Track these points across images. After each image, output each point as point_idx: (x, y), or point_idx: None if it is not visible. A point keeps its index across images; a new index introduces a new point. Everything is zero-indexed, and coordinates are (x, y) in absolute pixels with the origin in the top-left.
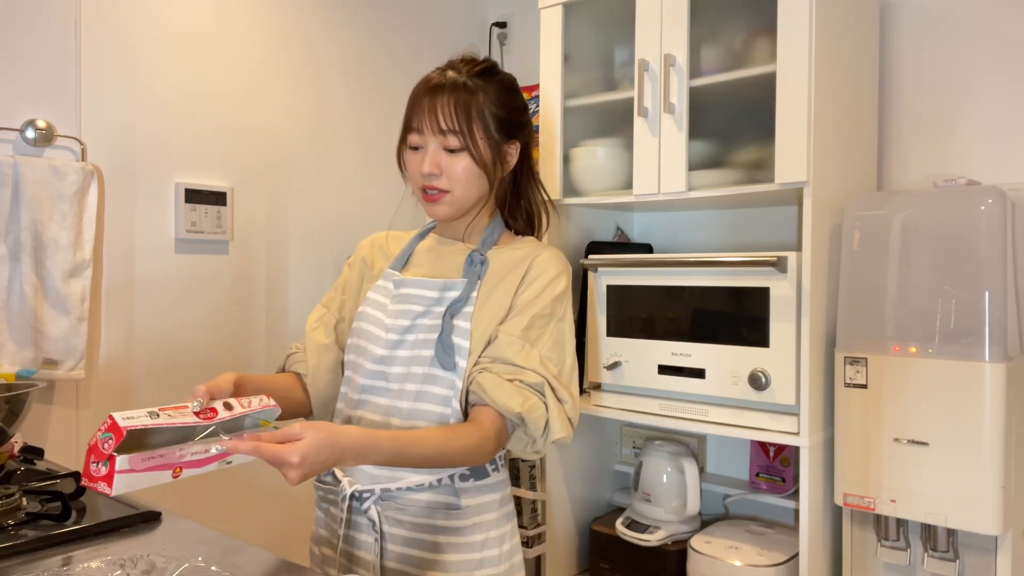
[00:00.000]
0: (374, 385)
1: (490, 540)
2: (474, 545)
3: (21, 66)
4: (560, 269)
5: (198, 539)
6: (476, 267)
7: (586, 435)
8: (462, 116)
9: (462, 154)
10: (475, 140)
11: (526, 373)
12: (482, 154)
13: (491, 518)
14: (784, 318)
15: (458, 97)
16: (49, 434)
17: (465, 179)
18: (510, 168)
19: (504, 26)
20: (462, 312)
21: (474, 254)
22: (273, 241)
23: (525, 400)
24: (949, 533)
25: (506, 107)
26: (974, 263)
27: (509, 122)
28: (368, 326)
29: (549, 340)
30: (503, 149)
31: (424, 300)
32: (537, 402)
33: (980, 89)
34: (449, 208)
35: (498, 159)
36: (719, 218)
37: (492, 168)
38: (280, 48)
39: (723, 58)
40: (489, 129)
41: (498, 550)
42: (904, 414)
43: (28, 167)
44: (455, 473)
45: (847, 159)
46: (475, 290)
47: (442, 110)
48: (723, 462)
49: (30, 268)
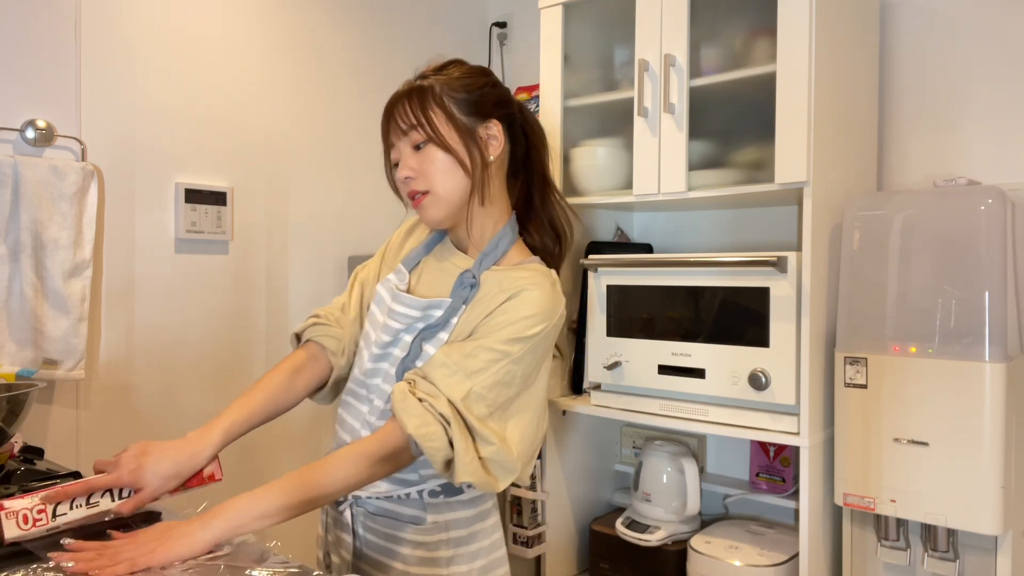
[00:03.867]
0: (357, 391)
1: (459, 557)
2: (440, 561)
3: (21, 66)
4: (541, 311)
5: None
6: (464, 290)
7: (586, 435)
8: (418, 110)
9: (429, 146)
10: (435, 127)
11: (439, 399)
12: (446, 139)
13: (460, 535)
14: (784, 318)
15: (411, 95)
16: (49, 434)
17: (439, 172)
18: (498, 151)
19: (504, 26)
20: (435, 338)
21: (465, 275)
22: (273, 241)
23: (423, 424)
24: (949, 533)
25: (468, 88)
26: (974, 263)
27: (476, 102)
28: (368, 328)
29: (490, 379)
30: (478, 131)
31: (406, 318)
32: (438, 432)
33: (980, 89)
34: (436, 209)
35: (473, 142)
36: (719, 218)
37: (466, 152)
38: (280, 48)
39: (723, 58)
40: (452, 113)
41: (467, 567)
42: (904, 414)
43: (28, 167)
44: (424, 488)
45: (847, 159)
46: (456, 315)
47: (399, 114)
48: (723, 462)
49: (30, 268)
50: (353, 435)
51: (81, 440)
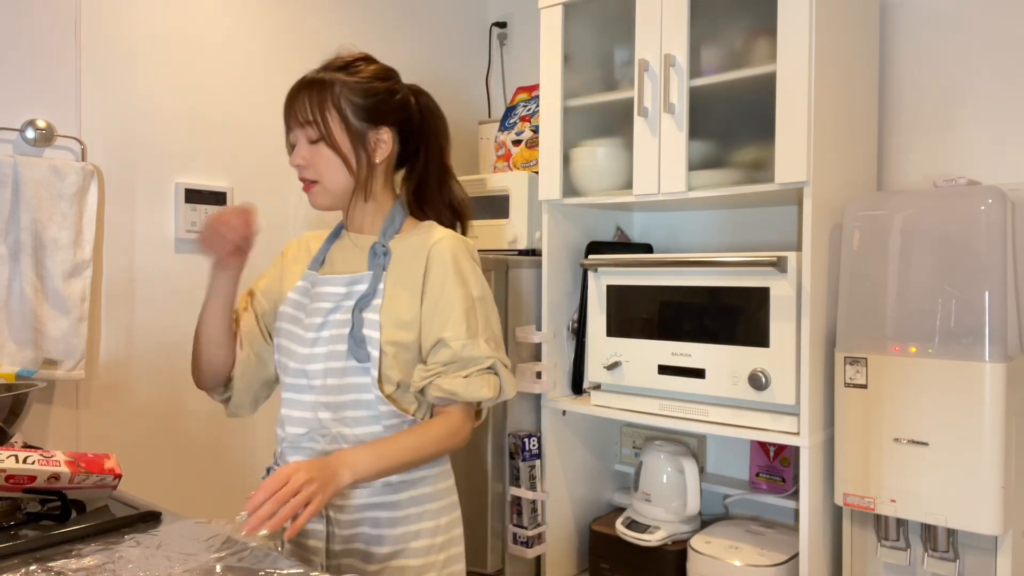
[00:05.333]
0: (297, 383)
1: (427, 512)
2: (411, 517)
3: (21, 66)
4: (453, 247)
5: (198, 538)
6: (380, 259)
7: (586, 435)
8: (316, 108)
9: (321, 144)
10: (330, 130)
11: (481, 362)
12: (338, 143)
13: (427, 491)
14: (784, 318)
15: (312, 91)
16: (49, 434)
17: (327, 168)
18: (386, 155)
19: (504, 26)
20: (371, 305)
21: (376, 246)
22: (273, 241)
23: (491, 386)
24: (949, 533)
25: (366, 95)
26: (974, 263)
27: (372, 109)
28: (290, 326)
29: (483, 322)
30: (368, 136)
31: (333, 296)
32: (495, 380)
33: (980, 89)
34: (322, 198)
35: (362, 147)
36: (719, 218)
37: (354, 156)
38: (280, 47)
39: (723, 58)
40: (347, 118)
41: (435, 522)
42: (904, 414)
43: (28, 167)
44: None
45: (847, 159)
46: (381, 282)
47: (299, 105)
48: (723, 462)
49: (30, 268)
50: (304, 425)
51: (81, 440)
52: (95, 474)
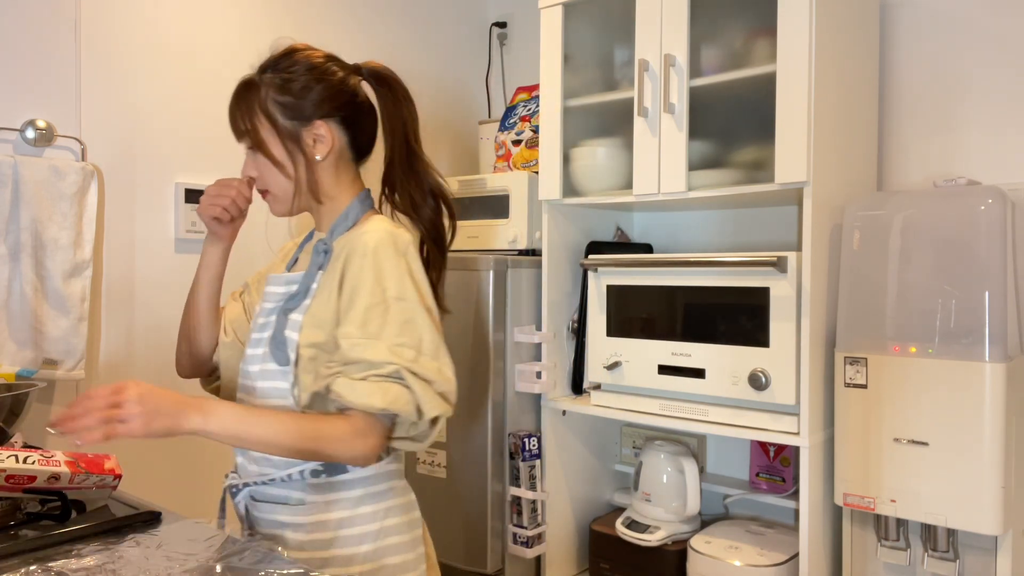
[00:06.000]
0: (244, 383)
1: (340, 539)
2: (318, 543)
3: (21, 66)
4: (377, 240)
5: (198, 538)
6: (319, 257)
7: (586, 435)
8: (245, 117)
9: (257, 153)
10: (260, 137)
11: (381, 367)
12: (270, 150)
13: (340, 517)
14: (784, 318)
15: (240, 98)
16: (49, 434)
17: (271, 176)
18: (328, 149)
19: (504, 26)
20: (300, 306)
21: (319, 244)
22: (273, 241)
23: (385, 393)
24: (949, 533)
25: (292, 91)
26: (974, 263)
27: (300, 105)
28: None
29: (394, 325)
30: (302, 135)
31: (275, 297)
32: (400, 391)
33: (980, 89)
34: (278, 205)
35: (297, 148)
36: (719, 218)
37: (289, 160)
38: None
39: (723, 58)
40: (276, 120)
41: (352, 550)
42: (904, 414)
43: (28, 167)
44: (306, 468)
45: (847, 159)
46: (314, 281)
47: (232, 115)
48: (723, 462)
49: (30, 268)
50: None
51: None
52: (95, 474)
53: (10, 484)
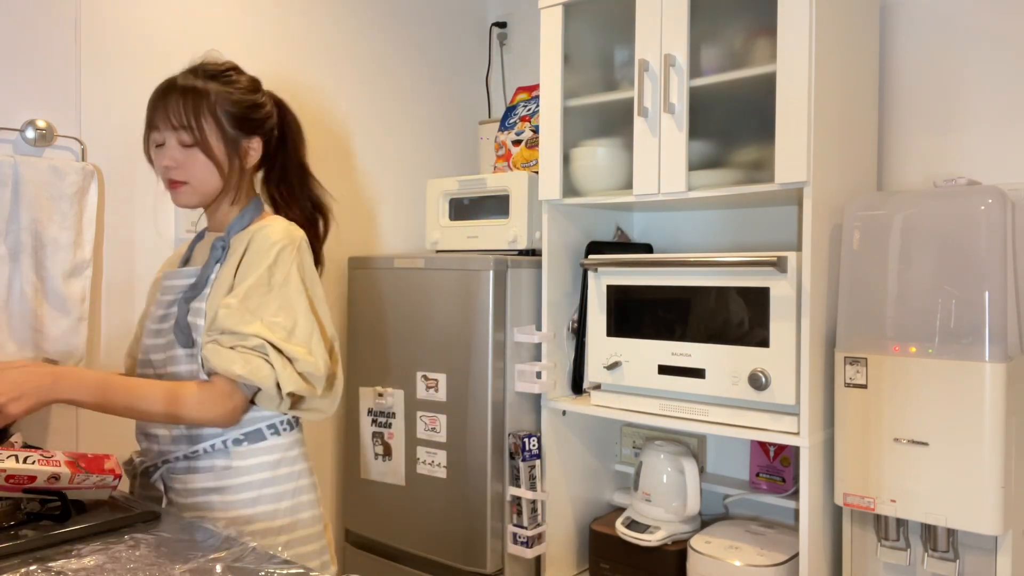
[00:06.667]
0: (145, 372)
1: (263, 497)
2: (245, 502)
3: (21, 66)
4: (278, 237)
5: (198, 538)
6: (217, 252)
7: (586, 435)
8: (191, 114)
9: (195, 149)
10: (205, 136)
11: (248, 339)
12: (213, 149)
13: (263, 477)
14: (784, 318)
15: (187, 97)
16: (49, 434)
17: (200, 171)
18: (253, 162)
19: (504, 26)
20: (201, 295)
21: (216, 241)
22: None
23: (247, 363)
24: (949, 533)
25: (240, 105)
26: (974, 263)
27: (245, 119)
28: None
29: (273, 306)
30: (241, 144)
31: (174, 289)
32: (260, 363)
33: (980, 89)
34: (189, 197)
35: (235, 153)
36: (719, 218)
37: (226, 162)
38: (279, 47)
39: (723, 58)
40: (223, 125)
41: (273, 506)
42: (904, 414)
43: (28, 167)
44: (228, 438)
45: (847, 159)
46: (213, 273)
47: (174, 109)
48: (723, 462)
49: (30, 268)
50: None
51: (81, 440)
52: (95, 474)
53: (10, 484)
